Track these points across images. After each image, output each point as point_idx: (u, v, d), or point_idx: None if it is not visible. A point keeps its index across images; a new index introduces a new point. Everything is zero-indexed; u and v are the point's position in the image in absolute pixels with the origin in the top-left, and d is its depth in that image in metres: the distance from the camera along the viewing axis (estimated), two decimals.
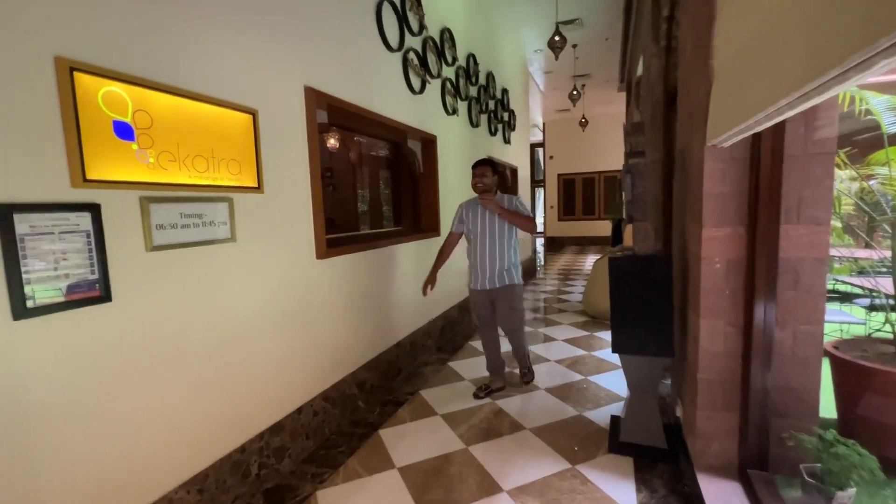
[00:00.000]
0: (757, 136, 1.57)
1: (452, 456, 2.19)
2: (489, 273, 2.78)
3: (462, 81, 4.46)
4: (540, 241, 13.48)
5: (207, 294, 1.73)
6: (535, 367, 3.32)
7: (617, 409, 2.62)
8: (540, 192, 13.78)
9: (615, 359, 3.38)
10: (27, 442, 1.21)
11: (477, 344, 3.93)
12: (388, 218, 4.03)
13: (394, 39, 3.12)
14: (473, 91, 4.89)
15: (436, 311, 3.95)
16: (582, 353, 3.66)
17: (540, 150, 13.28)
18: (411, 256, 3.48)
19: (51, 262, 1.24)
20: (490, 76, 5.47)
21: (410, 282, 3.45)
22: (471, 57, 4.74)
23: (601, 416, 2.54)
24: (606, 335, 4.09)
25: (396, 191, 4.00)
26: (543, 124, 12.70)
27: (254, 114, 1.91)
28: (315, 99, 2.31)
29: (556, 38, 4.63)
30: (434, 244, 3.85)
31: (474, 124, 4.91)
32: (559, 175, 12.85)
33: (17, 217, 1.17)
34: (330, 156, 7.58)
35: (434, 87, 3.84)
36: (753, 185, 1.58)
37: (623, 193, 7.56)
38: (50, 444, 1.25)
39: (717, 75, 1.54)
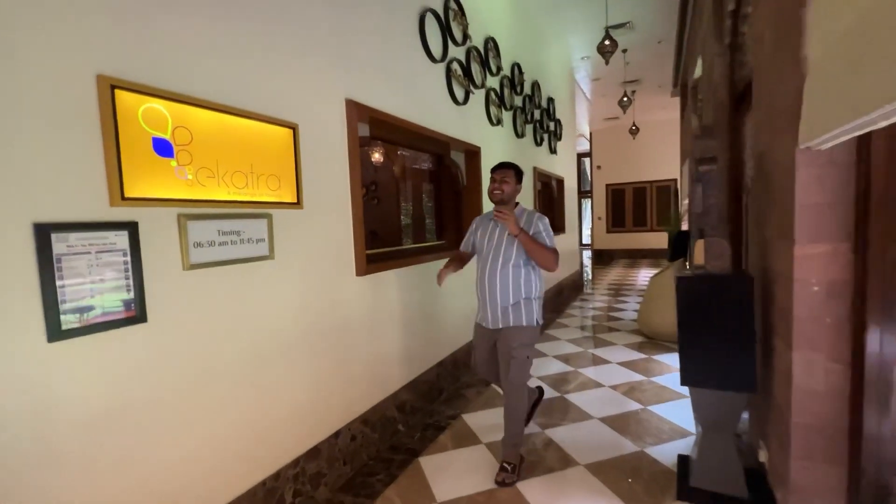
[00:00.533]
0: (863, 137, 1.31)
1: (498, 493, 2.01)
2: (493, 307, 2.15)
3: (506, 91, 4.34)
4: (587, 254, 13.00)
5: (243, 313, 1.67)
6: (586, 393, 3.07)
7: (684, 446, 2.33)
8: (587, 203, 13.31)
9: (678, 386, 3.06)
10: (58, 465, 1.17)
11: None
12: (431, 231, 3.94)
13: (437, 50, 3.05)
14: (518, 101, 4.75)
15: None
16: (639, 378, 3.35)
17: (587, 160, 12.87)
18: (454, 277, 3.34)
19: (87, 282, 1.22)
20: (535, 85, 5.32)
21: (453, 297, 3.31)
22: (515, 66, 4.61)
23: (666, 453, 2.27)
24: (667, 359, 3.75)
25: (439, 204, 3.91)
26: (590, 133, 12.30)
27: (294, 128, 1.86)
28: (356, 112, 2.26)
29: (606, 42, 4.41)
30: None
31: (519, 134, 4.75)
32: (607, 185, 12.36)
33: (54, 236, 1.15)
34: (374, 169, 7.70)
35: (478, 97, 3.74)
36: (862, 193, 1.32)
37: (679, 204, 7.08)
38: (79, 465, 1.21)
39: (814, 67, 1.31)
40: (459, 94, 3.38)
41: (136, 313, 1.33)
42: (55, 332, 1.15)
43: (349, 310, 2.22)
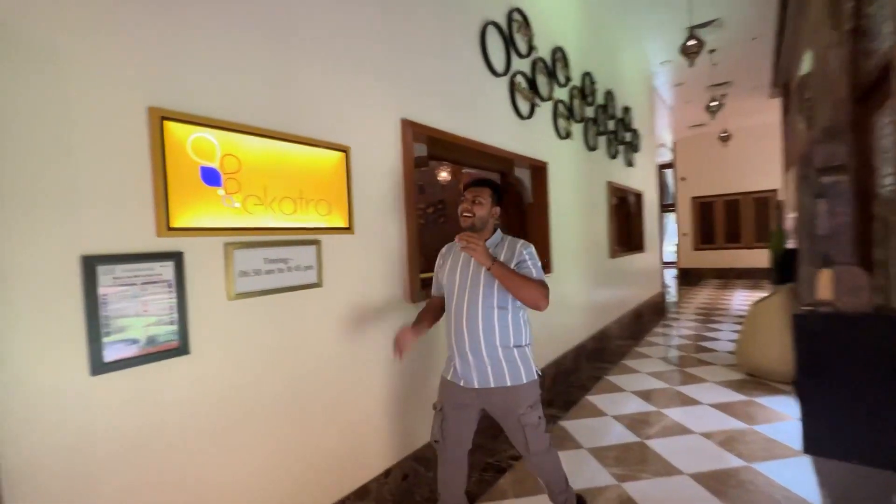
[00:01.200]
0: None
1: None
2: (477, 360, 1.61)
3: (576, 102, 4.07)
4: (670, 273, 11.94)
5: (290, 343, 1.61)
6: (672, 440, 2.65)
7: None
8: (669, 218, 12.29)
9: (792, 439, 2.54)
10: (97, 497, 1.14)
11: (598, 399, 3.36)
12: None
13: (499, 63, 2.91)
14: (590, 112, 4.45)
15: (546, 356, 3.50)
16: (740, 425, 2.84)
17: (669, 172, 11.93)
18: None
19: (131, 314, 1.21)
20: (609, 95, 4.97)
21: None
22: (586, 76, 4.33)
23: None
24: (776, 403, 3.17)
25: (507, 224, 3.72)
26: (673, 143, 11.40)
27: (346, 151, 1.81)
28: (412, 132, 2.17)
29: (691, 42, 3.99)
30: (550, 283, 3.44)
31: (591, 147, 4.44)
32: (693, 198, 11.31)
33: (100, 269, 1.15)
34: (442, 188, 7.69)
35: (544, 110, 3.53)
36: None
37: (784, 218, 6.18)
38: (118, 498, 1.18)
39: None
40: (524, 107, 3.20)
41: (179, 345, 1.30)
42: (98, 365, 1.14)
43: None
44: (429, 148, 2.47)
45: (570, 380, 3.83)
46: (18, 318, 1.02)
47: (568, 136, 3.87)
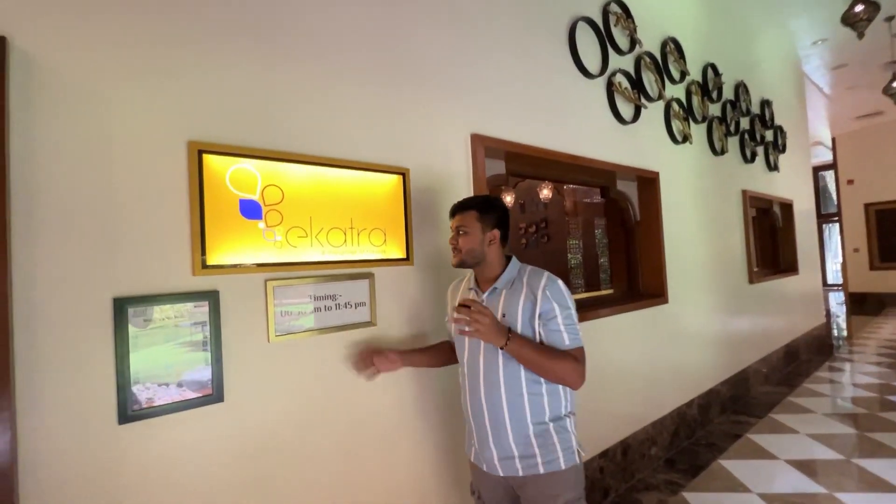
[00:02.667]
0: None
1: None
2: (499, 444, 1.25)
3: (696, 100, 3.44)
4: (836, 298, 9.71)
5: (337, 391, 1.45)
6: None
7: None
8: (831, 230, 10.02)
9: None
10: None
11: (736, 466, 2.64)
12: (606, 276, 3.29)
13: (593, 63, 2.53)
14: (715, 109, 3.73)
15: (666, 404, 2.89)
16: None
17: (828, 174, 9.81)
18: (624, 331, 2.62)
19: (161, 357, 1.14)
20: (741, 87, 4.16)
21: (622, 367, 2.58)
22: (709, 68, 3.66)
23: None
24: None
25: (608, 245, 3.24)
26: (833, 139, 9.36)
27: (404, 174, 1.63)
28: (484, 147, 1.93)
29: (859, 7, 3.11)
30: (660, 314, 2.88)
31: (718, 151, 3.71)
32: (867, 205, 9.05)
33: (131, 311, 1.10)
34: (545, 206, 7.27)
35: (653, 112, 3.01)
36: None
37: None
38: None
39: None
40: (626, 111, 2.75)
41: (213, 392, 1.21)
42: (126, 413, 1.08)
43: None
44: (507, 164, 2.20)
45: (697, 436, 3.12)
46: (47, 362, 1.00)
47: (686, 139, 3.26)
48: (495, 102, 2.00)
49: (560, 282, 1.26)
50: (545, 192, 6.35)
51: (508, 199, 6.86)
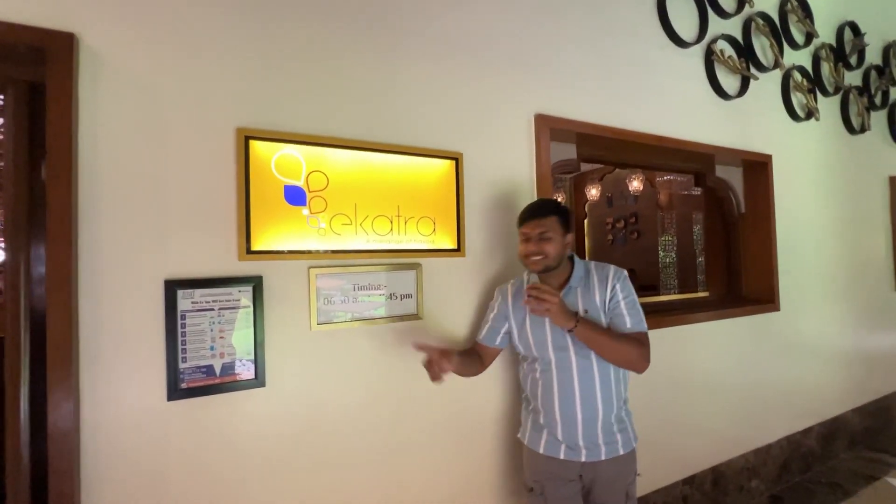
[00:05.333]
0: None
1: None
2: (585, 430, 1.29)
3: (826, 67, 2.85)
4: None
5: (380, 383, 1.39)
6: None
7: None
8: None
9: None
10: None
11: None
12: (703, 279, 2.90)
13: (688, 29, 2.19)
14: (854, 78, 3.07)
15: (773, 429, 2.44)
16: None
17: None
18: (720, 339, 2.26)
19: (208, 340, 1.17)
20: (890, 51, 3.37)
21: (715, 380, 2.22)
22: (845, 27, 3.01)
23: None
24: None
25: (705, 241, 2.84)
26: None
27: (457, 159, 1.52)
28: (549, 130, 1.75)
29: None
30: (768, 323, 2.44)
31: (855, 129, 3.04)
32: None
33: (180, 293, 1.14)
34: (635, 199, 6.72)
35: (767, 83, 2.54)
36: None
37: None
38: None
39: None
40: (729, 83, 2.35)
41: (255, 376, 1.22)
42: (174, 390, 1.13)
43: None
44: (580, 148, 1.98)
45: (815, 471, 2.61)
46: (106, 338, 1.07)
47: (810, 115, 2.72)
48: (565, 78, 1.80)
49: (625, 273, 1.35)
50: (635, 184, 5.82)
51: (594, 191, 6.41)
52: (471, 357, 1.40)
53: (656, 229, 6.05)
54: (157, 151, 1.14)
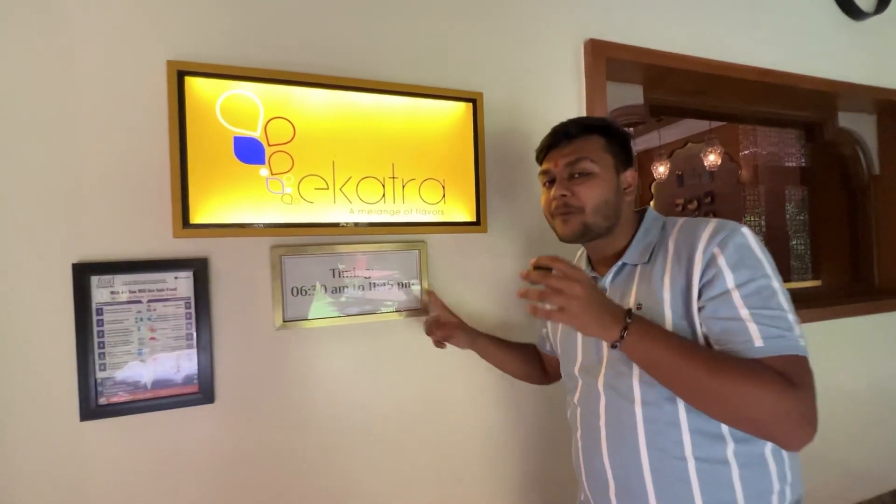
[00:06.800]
0: None
1: None
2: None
3: None
4: None
5: (367, 398, 1.06)
6: None
7: None
8: None
9: None
10: None
11: None
12: (804, 259, 2.31)
13: None
14: None
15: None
16: None
17: None
18: (846, 343, 1.69)
19: (134, 342, 0.89)
20: None
21: (844, 396, 1.67)
22: None
23: None
24: None
25: (814, 216, 2.23)
26: None
27: (474, 100, 1.13)
28: (605, 60, 1.29)
29: None
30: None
31: None
32: None
33: (94, 281, 0.86)
34: (711, 176, 5.93)
35: None
36: None
37: None
38: None
39: None
40: None
41: (199, 390, 0.93)
42: (88, 408, 0.86)
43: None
44: (647, 91, 1.50)
45: None
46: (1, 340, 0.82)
47: None
48: None
49: (744, 231, 0.63)
50: (712, 158, 5.03)
51: (661, 168, 5.67)
52: (522, 356, 1.02)
53: (737, 209, 5.31)
54: (63, 95, 0.86)
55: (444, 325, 0.99)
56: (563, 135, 0.77)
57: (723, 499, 0.62)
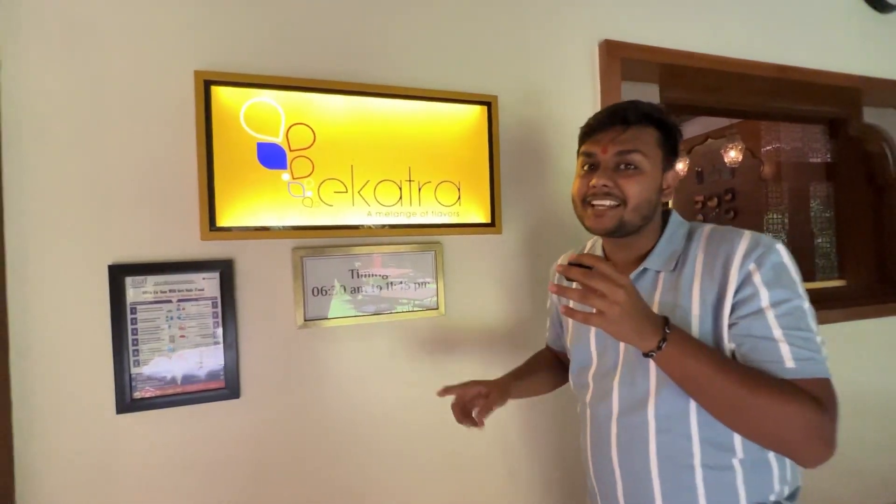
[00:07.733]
0: None
1: None
2: None
3: None
4: None
5: (384, 396, 1.09)
6: None
7: None
8: None
9: None
10: None
11: None
12: (829, 257, 2.27)
13: None
14: None
15: None
16: None
17: None
18: (871, 345, 1.66)
19: (165, 339, 0.94)
20: None
21: (869, 401, 1.64)
22: None
23: None
24: None
25: (840, 213, 2.18)
26: None
27: (490, 104, 1.15)
28: (620, 61, 1.29)
29: None
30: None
31: None
32: None
33: (129, 281, 0.91)
34: (732, 172, 5.82)
35: None
36: None
37: None
38: None
39: None
40: None
41: (226, 385, 0.97)
42: (124, 402, 0.91)
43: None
44: (664, 89, 1.49)
45: None
46: (39, 339, 0.87)
47: None
48: None
49: (780, 248, 0.62)
50: (732, 155, 4.92)
51: (680, 165, 5.57)
52: (547, 370, 0.97)
53: (758, 207, 5.18)
54: (96, 107, 0.91)
55: (475, 399, 0.85)
56: (621, 119, 0.70)
57: (734, 493, 0.64)
